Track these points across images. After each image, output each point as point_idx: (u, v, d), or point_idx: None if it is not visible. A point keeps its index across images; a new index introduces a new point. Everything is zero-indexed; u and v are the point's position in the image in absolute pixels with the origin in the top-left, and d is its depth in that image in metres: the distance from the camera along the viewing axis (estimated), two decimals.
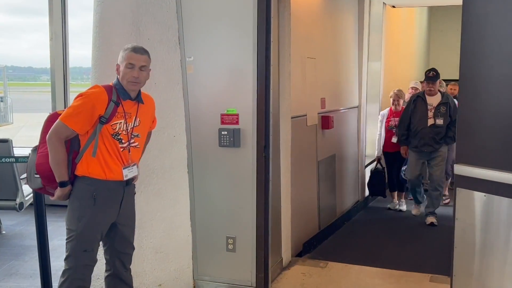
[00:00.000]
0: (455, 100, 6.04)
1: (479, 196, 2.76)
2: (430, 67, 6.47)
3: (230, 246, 3.85)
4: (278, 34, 4.16)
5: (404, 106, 6.54)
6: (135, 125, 3.06)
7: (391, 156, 6.85)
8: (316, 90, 5.35)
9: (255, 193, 3.74)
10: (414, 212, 6.56)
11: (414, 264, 4.56)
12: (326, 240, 5.44)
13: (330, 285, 4.11)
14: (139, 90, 3.08)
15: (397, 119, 6.55)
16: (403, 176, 6.70)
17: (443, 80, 6.62)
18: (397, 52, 8.72)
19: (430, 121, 5.98)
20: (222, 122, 3.75)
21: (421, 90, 6.69)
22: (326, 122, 5.53)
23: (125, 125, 2.99)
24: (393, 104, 6.81)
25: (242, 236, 3.82)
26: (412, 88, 7.21)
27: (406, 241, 5.50)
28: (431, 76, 6.01)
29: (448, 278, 3.15)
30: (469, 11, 2.75)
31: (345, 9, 6.44)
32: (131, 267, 3.28)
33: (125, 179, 3.02)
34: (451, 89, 7.39)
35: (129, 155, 3.04)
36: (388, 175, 6.98)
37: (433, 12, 11.95)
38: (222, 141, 3.74)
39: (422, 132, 6.02)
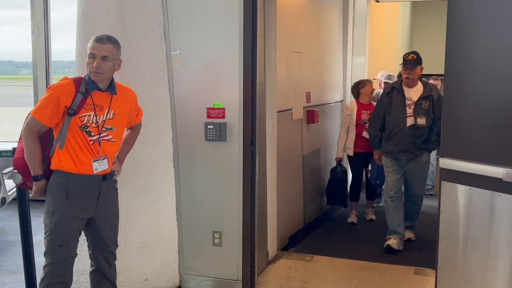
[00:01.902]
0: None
1: (463, 189, 2.79)
2: None
3: (216, 241, 3.84)
4: (264, 28, 4.15)
5: (372, 102, 5.71)
6: (107, 118, 2.99)
7: (361, 157, 5.77)
8: (302, 85, 5.36)
9: (241, 187, 3.74)
10: (390, 243, 4.82)
11: (399, 257, 4.61)
12: (312, 234, 5.46)
13: (316, 278, 4.13)
14: (112, 81, 3.01)
15: (368, 111, 5.64)
16: (373, 181, 5.94)
17: (425, 75, 5.44)
18: (381, 47, 8.76)
19: (410, 121, 4.72)
20: (208, 116, 3.74)
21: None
22: (311, 116, 5.55)
23: (95, 118, 2.94)
24: (371, 93, 5.82)
25: (228, 230, 3.82)
26: (385, 83, 6.16)
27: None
28: (410, 59, 4.74)
29: (433, 271, 3.19)
30: (454, 6, 2.77)
31: (330, 4, 6.45)
32: (116, 261, 3.25)
33: (95, 172, 2.96)
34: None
35: (100, 148, 2.97)
36: (353, 179, 5.94)
37: (416, 7, 12.03)
38: (208, 135, 3.73)
39: (399, 135, 4.75)
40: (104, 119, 2.98)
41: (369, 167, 5.98)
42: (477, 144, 2.73)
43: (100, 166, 2.99)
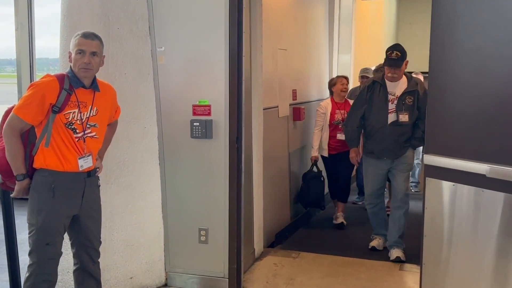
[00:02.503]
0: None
1: (447, 186, 2.81)
2: None
3: (203, 238, 3.84)
4: (249, 25, 4.14)
5: (349, 100, 5.44)
6: (91, 115, 2.98)
7: (334, 159, 5.47)
8: (288, 82, 5.37)
9: (228, 185, 3.73)
10: (375, 245, 4.74)
11: (385, 254, 4.63)
12: (298, 231, 5.48)
13: (302, 275, 4.14)
14: (94, 78, 3.00)
15: (342, 111, 5.35)
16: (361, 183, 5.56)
17: (408, 72, 4.93)
18: (367, 44, 8.80)
19: (391, 117, 4.38)
20: (194, 113, 3.72)
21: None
22: (297, 113, 5.56)
23: (79, 115, 2.92)
24: (341, 90, 5.46)
25: (214, 227, 3.81)
26: (362, 77, 5.88)
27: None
28: (394, 58, 4.33)
29: (418, 267, 3.21)
30: (438, 3, 2.79)
31: (316, 1, 6.47)
32: (101, 259, 3.24)
33: (80, 169, 2.94)
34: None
35: (84, 145, 2.96)
36: (329, 181, 5.71)
37: (402, 4, 12.10)
38: (194, 133, 3.72)
39: (381, 133, 4.43)
40: (88, 116, 2.97)
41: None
42: (461, 140, 2.75)
43: (85, 163, 2.98)
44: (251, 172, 4.31)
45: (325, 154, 5.50)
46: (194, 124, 3.71)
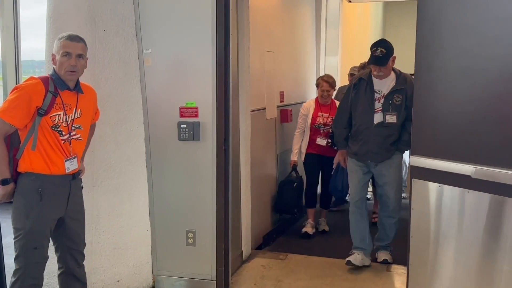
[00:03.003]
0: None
1: (433, 187, 2.83)
2: None
3: (190, 240, 3.82)
4: (237, 27, 4.15)
5: (336, 101, 5.16)
6: (75, 117, 2.98)
7: (315, 158, 5.19)
8: (275, 84, 5.38)
9: (215, 187, 3.73)
10: (351, 259, 4.24)
11: (372, 255, 4.64)
12: (286, 233, 5.48)
13: (289, 276, 4.14)
14: (78, 80, 3.00)
15: (326, 114, 5.09)
16: (336, 194, 5.11)
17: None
18: (354, 46, 8.84)
19: (377, 118, 4.08)
20: (181, 115, 3.72)
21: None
22: (285, 115, 5.57)
23: (64, 117, 2.92)
24: (321, 96, 5.19)
25: (202, 230, 3.80)
26: (351, 75, 5.81)
27: None
28: (379, 56, 4.02)
29: (405, 268, 3.23)
30: (424, 5, 2.81)
31: (303, 4, 6.49)
32: (88, 263, 3.22)
33: (67, 172, 2.95)
34: None
35: (70, 147, 2.96)
36: (308, 185, 5.34)
37: (388, 7, 12.18)
38: (181, 135, 3.71)
39: (365, 134, 4.13)
40: (73, 118, 2.97)
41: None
42: (447, 142, 2.77)
43: (71, 165, 2.98)
44: (239, 174, 4.31)
45: (295, 159, 5.28)
46: (181, 126, 3.70)
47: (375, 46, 4.06)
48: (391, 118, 4.05)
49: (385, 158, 4.14)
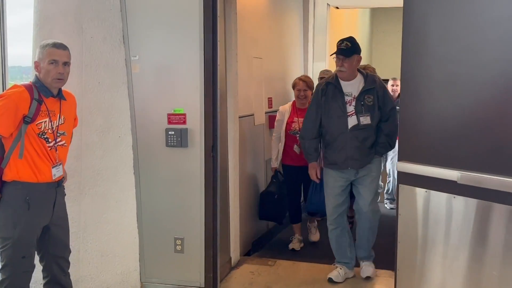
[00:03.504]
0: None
1: (420, 192, 2.84)
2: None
3: (178, 247, 3.81)
4: (224, 33, 4.16)
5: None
6: (60, 123, 3.00)
7: (293, 171, 4.86)
8: (263, 90, 5.39)
9: (203, 193, 3.73)
10: (333, 276, 4.07)
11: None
12: (275, 239, 5.48)
13: (278, 282, 4.14)
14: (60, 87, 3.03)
15: (302, 119, 4.35)
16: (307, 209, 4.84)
17: (382, 80, 4.68)
18: None
19: (351, 121, 3.88)
20: (169, 122, 3.71)
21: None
22: (273, 121, 5.55)
23: (50, 124, 2.93)
24: (298, 97, 4.89)
25: (190, 236, 3.79)
26: (321, 78, 4.90)
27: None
28: (344, 48, 3.88)
29: (392, 273, 3.24)
30: (409, 11, 2.83)
31: (290, 10, 6.52)
32: (75, 271, 3.20)
33: (53, 178, 2.95)
34: (392, 85, 6.34)
35: (56, 154, 2.97)
36: (290, 200, 4.97)
37: (375, 13, 12.27)
38: (169, 141, 3.70)
39: (341, 140, 3.89)
40: (57, 124, 2.99)
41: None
42: (433, 147, 2.79)
43: (57, 172, 2.99)
44: (227, 180, 4.30)
45: (275, 165, 5.00)
46: (169, 132, 3.69)
47: (341, 40, 3.94)
48: (366, 120, 3.88)
49: (365, 163, 3.95)
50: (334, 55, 3.94)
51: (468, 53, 2.61)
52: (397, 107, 4.06)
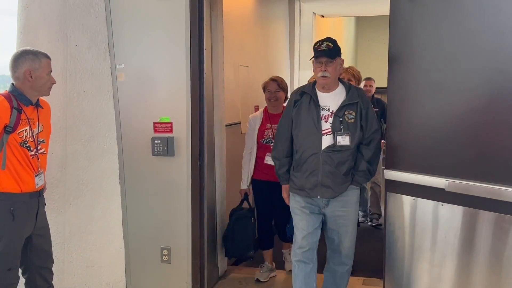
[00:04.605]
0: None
1: (408, 200, 2.85)
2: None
3: (165, 258, 3.77)
4: (211, 42, 4.14)
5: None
6: (39, 131, 3.00)
7: (265, 186, 4.15)
8: (250, 98, 5.38)
9: (190, 203, 3.70)
10: None
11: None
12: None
13: None
14: None
15: (276, 126, 3.61)
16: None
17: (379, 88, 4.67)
18: None
19: (326, 140, 3.21)
20: (155, 131, 3.68)
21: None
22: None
23: (30, 132, 2.92)
24: (269, 99, 4.18)
25: (177, 246, 3.76)
26: None
27: None
28: (325, 49, 3.22)
29: (381, 281, 3.23)
30: (395, 21, 2.85)
31: (276, 18, 6.54)
32: (60, 282, 3.15)
33: (36, 187, 2.94)
34: (365, 85, 5.85)
35: (38, 162, 2.97)
36: (259, 222, 4.29)
37: (360, 22, 12.36)
38: (156, 150, 3.67)
39: (312, 162, 3.24)
40: (37, 132, 2.98)
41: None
42: (421, 155, 2.80)
43: (40, 181, 2.98)
44: (214, 189, 4.27)
45: (245, 187, 4.26)
46: (156, 141, 3.66)
47: (319, 42, 3.28)
48: (343, 140, 3.21)
49: (339, 193, 3.26)
50: (313, 60, 3.30)
51: (453, 62, 2.63)
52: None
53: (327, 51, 3.21)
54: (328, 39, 3.29)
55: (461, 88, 2.61)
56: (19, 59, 2.91)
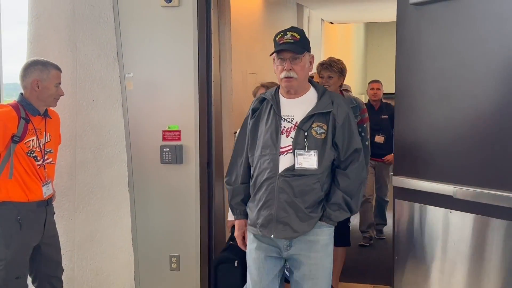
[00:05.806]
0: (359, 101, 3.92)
1: (417, 207, 2.83)
2: (368, 81, 5.55)
3: (174, 265, 3.77)
4: (219, 50, 4.16)
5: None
6: (46, 141, 3.02)
7: None
8: None
9: (199, 210, 3.70)
10: None
11: (358, 275, 4.63)
12: None
13: None
14: None
15: None
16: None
17: (384, 94, 4.65)
18: None
19: (285, 161, 2.50)
20: (164, 139, 3.69)
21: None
22: None
23: (37, 142, 2.94)
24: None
25: (185, 254, 3.76)
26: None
27: (348, 252, 5.57)
28: (289, 41, 2.54)
29: None
30: (403, 27, 2.85)
31: (284, 25, 6.54)
32: None
33: (44, 197, 2.95)
34: (372, 89, 5.53)
35: (45, 172, 2.99)
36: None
37: (370, 27, 12.36)
38: (164, 158, 3.68)
39: (267, 190, 2.51)
40: (44, 142, 3.01)
41: None
42: (429, 162, 2.79)
43: (47, 190, 3.00)
44: (223, 197, 4.27)
45: (231, 217, 3.19)
46: (164, 149, 3.67)
47: (282, 32, 2.61)
48: (306, 162, 2.47)
49: (300, 233, 2.50)
50: (274, 56, 2.63)
51: (461, 69, 2.62)
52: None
53: (291, 43, 2.51)
54: (293, 29, 2.62)
55: (469, 95, 2.59)
56: (28, 68, 2.95)
